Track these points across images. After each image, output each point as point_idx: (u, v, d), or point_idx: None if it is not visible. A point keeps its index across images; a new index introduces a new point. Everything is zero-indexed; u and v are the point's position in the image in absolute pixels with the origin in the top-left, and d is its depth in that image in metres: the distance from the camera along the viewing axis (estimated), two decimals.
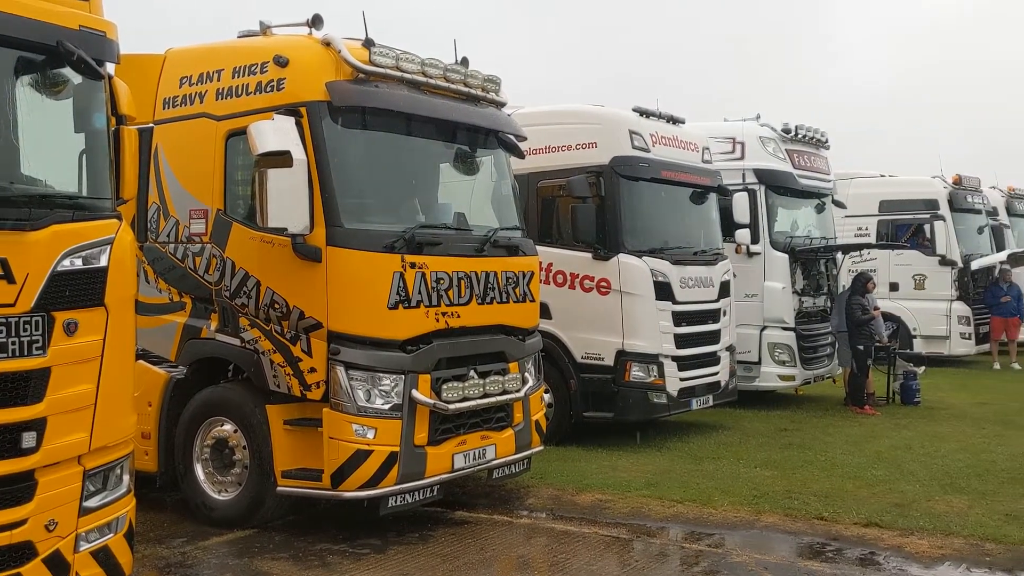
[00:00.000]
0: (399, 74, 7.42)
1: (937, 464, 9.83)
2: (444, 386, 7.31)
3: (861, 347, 13.45)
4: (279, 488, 7.22)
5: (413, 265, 7.18)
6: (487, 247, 7.89)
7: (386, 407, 7.00)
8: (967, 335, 18.65)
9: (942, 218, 18.55)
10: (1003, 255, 19.22)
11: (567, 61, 53.33)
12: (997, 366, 18.75)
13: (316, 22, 7.43)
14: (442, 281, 7.40)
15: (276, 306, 7.19)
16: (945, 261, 18.43)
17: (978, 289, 18.94)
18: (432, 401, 7.21)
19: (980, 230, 19.78)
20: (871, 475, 9.33)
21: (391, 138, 7.61)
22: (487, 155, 8.56)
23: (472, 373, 7.59)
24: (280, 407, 7.27)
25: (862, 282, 13.86)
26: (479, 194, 8.63)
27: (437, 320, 7.37)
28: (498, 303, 7.92)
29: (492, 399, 7.75)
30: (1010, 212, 22.01)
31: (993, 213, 20.64)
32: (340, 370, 6.93)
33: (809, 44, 56.75)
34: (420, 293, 7.22)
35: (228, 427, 7.57)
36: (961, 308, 18.56)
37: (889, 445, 10.87)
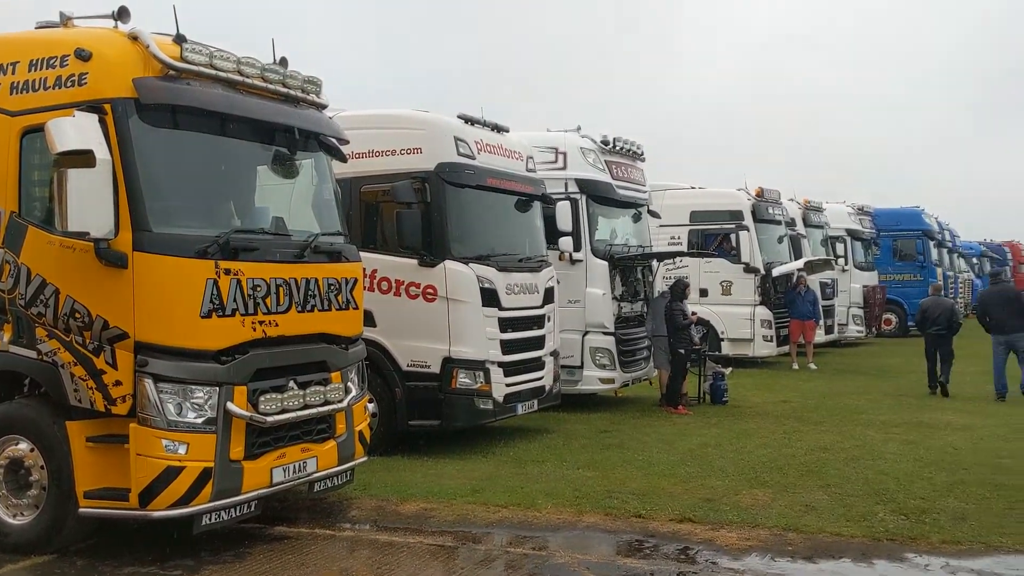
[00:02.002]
0: (213, 72, 7.13)
1: (743, 460, 10.40)
2: (262, 398, 7.06)
3: (682, 350, 14.05)
4: (81, 509, 6.78)
5: (228, 271, 6.90)
6: (307, 253, 7.68)
7: (199, 421, 6.70)
8: (769, 338, 19.95)
9: (746, 228, 19.77)
10: (800, 263, 20.70)
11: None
12: (795, 366, 20.15)
13: (122, 15, 7.02)
14: (259, 288, 7.14)
15: (77, 315, 6.73)
16: (749, 268, 19.67)
17: (778, 294, 20.28)
18: (248, 414, 6.95)
19: (780, 239, 21.21)
20: (684, 472, 9.76)
21: (204, 138, 7.28)
22: (307, 158, 8.35)
23: (291, 384, 7.37)
24: (82, 423, 6.82)
25: (680, 288, 14.52)
26: (299, 198, 8.41)
27: (254, 329, 7.11)
28: (319, 311, 7.73)
29: (313, 410, 7.55)
30: (806, 223, 23.71)
31: (791, 224, 22.17)
32: (148, 383, 6.56)
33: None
34: (235, 301, 6.95)
35: (23, 446, 7.03)
36: (763, 312, 19.83)
37: (700, 443, 11.41)
